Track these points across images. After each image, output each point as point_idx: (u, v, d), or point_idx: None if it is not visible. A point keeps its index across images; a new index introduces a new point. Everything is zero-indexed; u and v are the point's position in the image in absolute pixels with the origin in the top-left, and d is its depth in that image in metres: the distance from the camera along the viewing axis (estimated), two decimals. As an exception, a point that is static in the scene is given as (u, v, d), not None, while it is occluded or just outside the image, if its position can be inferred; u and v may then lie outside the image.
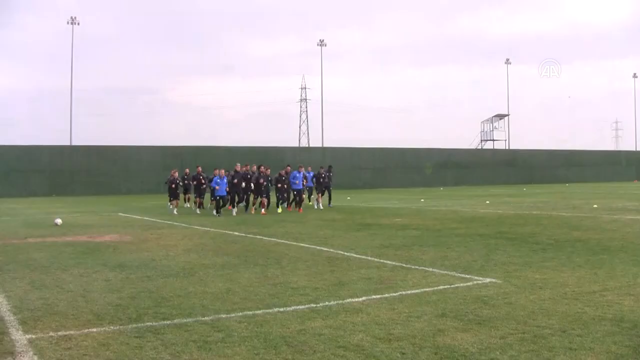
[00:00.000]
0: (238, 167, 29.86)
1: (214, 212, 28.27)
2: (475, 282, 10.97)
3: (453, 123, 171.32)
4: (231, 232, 19.87)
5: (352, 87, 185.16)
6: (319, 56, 74.69)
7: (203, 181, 31.82)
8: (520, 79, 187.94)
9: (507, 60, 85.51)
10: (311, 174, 34.14)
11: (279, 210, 30.21)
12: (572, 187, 60.06)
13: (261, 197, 29.71)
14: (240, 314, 8.76)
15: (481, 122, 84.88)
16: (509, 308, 8.95)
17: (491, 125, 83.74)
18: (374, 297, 9.81)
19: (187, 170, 34.80)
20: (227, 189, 28.41)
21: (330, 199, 34.24)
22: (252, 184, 29.66)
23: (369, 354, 6.92)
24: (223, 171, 28.52)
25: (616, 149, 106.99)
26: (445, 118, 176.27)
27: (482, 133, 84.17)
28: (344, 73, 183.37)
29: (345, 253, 14.70)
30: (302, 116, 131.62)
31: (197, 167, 33.46)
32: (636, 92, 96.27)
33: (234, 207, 29.05)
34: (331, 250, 15.28)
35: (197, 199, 31.89)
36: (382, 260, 13.46)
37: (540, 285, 10.60)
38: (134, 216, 27.97)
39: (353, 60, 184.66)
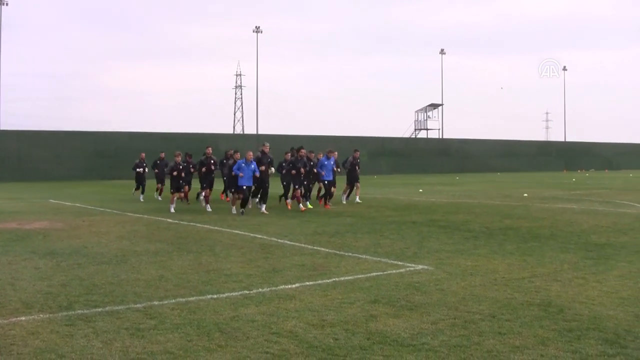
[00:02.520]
0: (250, 154, 22.06)
1: (234, 210, 22.05)
2: (407, 269, 11.10)
3: (387, 112, 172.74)
4: (164, 219, 19.69)
5: (287, 74, 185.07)
6: (255, 43, 74.20)
7: (213, 167, 25.35)
8: (454, 69, 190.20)
9: (442, 50, 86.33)
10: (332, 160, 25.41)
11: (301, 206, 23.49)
12: (503, 177, 61.14)
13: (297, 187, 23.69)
14: (173, 300, 8.71)
15: (415, 112, 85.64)
16: (441, 294, 9.10)
17: (425, 114, 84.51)
18: (307, 283, 9.85)
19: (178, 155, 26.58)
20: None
21: (350, 192, 27.00)
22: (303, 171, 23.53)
23: (302, 340, 6.96)
24: (251, 153, 22.05)
25: (546, 140, 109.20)
26: (380, 107, 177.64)
27: (416, 122, 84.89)
28: (280, 60, 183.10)
29: (279, 240, 14.72)
30: (236, 103, 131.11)
31: (207, 148, 25.99)
32: (566, 84, 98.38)
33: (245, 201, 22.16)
34: (265, 237, 15.28)
35: (184, 189, 25.63)
36: (315, 247, 13.52)
37: (471, 272, 10.80)
38: (65, 203, 27.44)
39: (289, 47, 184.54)
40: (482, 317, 7.86)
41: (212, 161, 25.52)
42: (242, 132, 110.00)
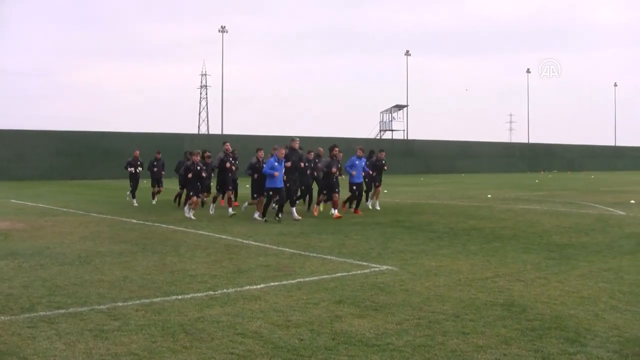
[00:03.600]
0: (281, 151, 19.43)
1: (262, 216, 19.40)
2: (372, 269, 11.16)
3: (353, 112, 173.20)
4: (129, 220, 19.55)
5: (253, 74, 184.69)
6: (220, 42, 73.94)
7: (233, 166, 22.25)
8: (419, 71, 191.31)
9: (407, 51, 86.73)
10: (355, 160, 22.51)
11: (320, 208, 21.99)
12: (467, 178, 61.58)
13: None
14: (138, 302, 8.67)
15: (380, 112, 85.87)
16: (405, 294, 9.16)
17: (390, 115, 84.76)
18: (272, 284, 9.86)
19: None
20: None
21: (367, 196, 24.23)
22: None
23: (267, 340, 6.97)
24: (283, 150, 19.43)
25: (510, 141, 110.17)
26: (345, 107, 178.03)
27: (381, 123, 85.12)
28: (245, 60, 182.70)
29: (244, 241, 14.70)
30: (202, 103, 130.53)
31: (225, 143, 22.73)
32: (529, 86, 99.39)
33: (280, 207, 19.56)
34: (230, 237, 15.25)
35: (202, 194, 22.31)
36: (280, 248, 13.53)
37: (436, 272, 10.88)
38: (28, 203, 27.10)
39: (254, 47, 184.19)
40: (446, 317, 7.93)
41: (231, 160, 22.19)
42: (207, 132, 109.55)
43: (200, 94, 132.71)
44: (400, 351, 6.61)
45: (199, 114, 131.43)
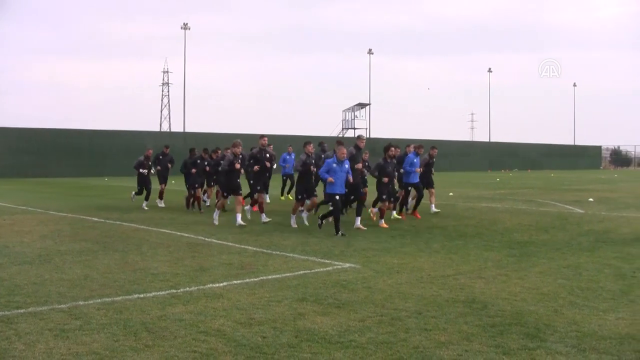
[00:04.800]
0: (342, 150, 16.32)
1: (293, 222, 17.44)
2: (335, 267, 11.19)
3: (315, 110, 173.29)
4: (90, 218, 19.35)
5: (216, 72, 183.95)
6: (183, 40, 73.49)
7: (269, 163, 19.31)
8: (382, 69, 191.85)
9: (370, 50, 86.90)
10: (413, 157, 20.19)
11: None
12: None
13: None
14: (99, 300, 8.60)
15: (343, 111, 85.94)
16: (368, 292, 9.21)
17: (352, 113, 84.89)
18: (235, 282, 9.85)
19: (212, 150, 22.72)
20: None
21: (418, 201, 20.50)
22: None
23: (230, 338, 6.96)
24: (344, 150, 16.45)
25: (472, 140, 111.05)
26: (308, 105, 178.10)
27: (344, 121, 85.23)
28: (208, 58, 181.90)
29: (207, 239, 14.65)
30: (164, 101, 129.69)
31: (263, 138, 19.24)
32: (491, 86, 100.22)
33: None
34: (192, 235, 15.18)
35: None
36: (243, 246, 13.51)
37: (398, 269, 10.94)
38: (-15, 201, 26.72)
39: (217, 45, 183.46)
40: (408, 314, 7.98)
41: (268, 155, 19.17)
42: (169, 130, 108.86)
43: (162, 91, 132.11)
44: (363, 348, 6.64)
45: (161, 112, 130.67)
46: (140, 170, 23.71)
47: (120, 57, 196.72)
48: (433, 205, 21.36)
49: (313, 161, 17.93)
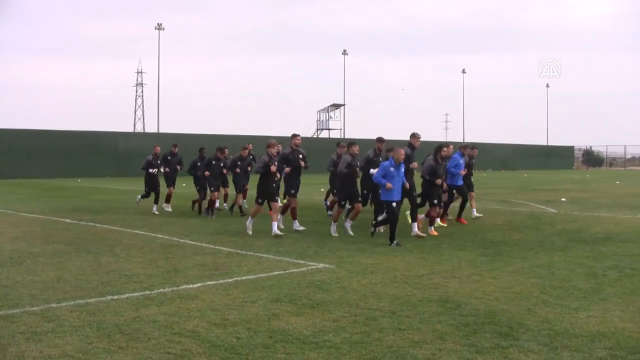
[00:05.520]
0: (401, 151, 14.61)
1: (333, 229, 15.76)
2: (309, 267, 11.20)
3: (290, 111, 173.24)
4: (62, 219, 19.19)
5: (190, 72, 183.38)
6: (157, 40, 73.11)
7: (304, 163, 17.43)
8: (356, 70, 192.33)
9: (344, 51, 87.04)
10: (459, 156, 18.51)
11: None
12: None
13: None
14: (72, 303, 8.54)
15: (317, 111, 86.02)
16: (342, 292, 9.23)
17: (327, 114, 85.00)
18: (209, 283, 9.83)
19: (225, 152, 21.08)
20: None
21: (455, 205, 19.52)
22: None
23: (204, 339, 6.95)
24: (402, 151, 14.77)
25: (446, 140, 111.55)
26: (283, 106, 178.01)
27: (319, 122, 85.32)
28: (182, 58, 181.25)
29: (180, 240, 14.60)
30: (137, 101, 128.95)
31: (296, 137, 17.32)
32: (465, 86, 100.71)
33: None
34: (166, 237, 15.12)
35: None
36: (217, 247, 13.48)
37: (372, 269, 10.97)
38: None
39: (192, 45, 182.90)
40: (382, 314, 8.02)
41: (300, 156, 17.41)
42: (142, 131, 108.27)
43: (136, 92, 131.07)
44: (337, 348, 6.66)
45: (135, 112, 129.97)
46: (150, 171, 21.82)
47: (94, 58, 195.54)
48: (474, 210, 19.96)
49: (359, 163, 16.17)
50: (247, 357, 6.39)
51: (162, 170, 22.02)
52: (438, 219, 17.20)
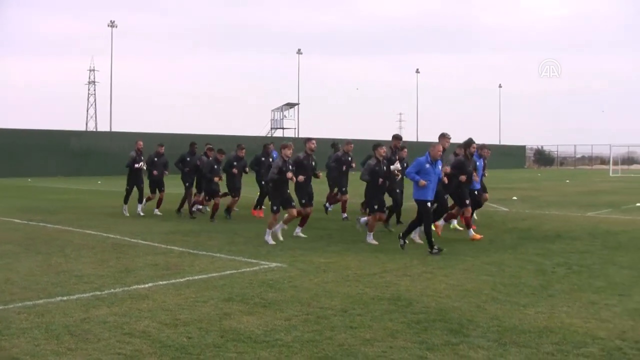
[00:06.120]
0: (438, 147, 13.63)
1: (371, 238, 14.35)
2: (261, 266, 11.19)
3: (244, 110, 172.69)
4: (12, 220, 18.88)
5: (143, 70, 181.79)
6: (109, 38, 72.25)
7: (313, 161, 15.93)
8: (311, 69, 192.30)
9: (299, 50, 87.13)
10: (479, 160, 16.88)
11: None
12: (356, 175, 62.45)
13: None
14: (20, 304, 8.41)
15: (272, 110, 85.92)
16: (294, 291, 9.24)
17: (281, 113, 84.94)
18: (160, 283, 9.76)
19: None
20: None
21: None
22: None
23: (155, 339, 6.90)
24: (440, 147, 13.77)
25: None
26: (237, 105, 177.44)
27: (273, 121, 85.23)
28: (136, 56, 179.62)
29: (132, 239, 14.47)
30: (89, 99, 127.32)
31: (309, 141, 16.14)
32: (419, 86, 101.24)
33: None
34: (118, 236, 14.97)
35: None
36: (169, 247, 13.39)
37: (325, 268, 11.00)
38: None
39: (145, 43, 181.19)
40: (334, 312, 8.04)
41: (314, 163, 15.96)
42: (95, 129, 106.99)
43: (89, 90, 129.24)
44: (288, 347, 6.67)
45: (87, 111, 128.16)
46: (136, 166, 19.94)
47: (45, 55, 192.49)
48: (455, 221, 17.64)
49: (385, 167, 14.68)
50: (199, 357, 6.37)
51: (144, 168, 20.17)
52: (454, 222, 16.60)
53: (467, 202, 15.20)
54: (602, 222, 18.80)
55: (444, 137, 14.90)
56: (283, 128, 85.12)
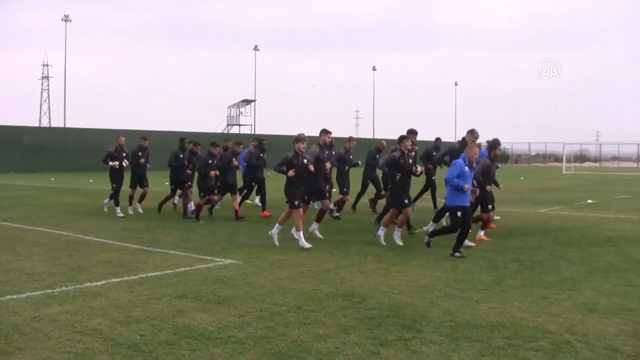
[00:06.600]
0: (475, 149, 12.56)
1: (398, 239, 13.57)
2: (216, 263, 11.15)
3: (201, 107, 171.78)
4: (-39, 217, 18.55)
5: (98, 66, 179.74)
6: (63, 32, 71.18)
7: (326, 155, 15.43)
8: (268, 66, 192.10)
9: (256, 46, 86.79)
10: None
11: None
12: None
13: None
14: (-32, 303, 8.27)
15: (228, 107, 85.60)
16: (248, 287, 9.22)
17: (238, 110, 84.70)
18: (113, 280, 9.67)
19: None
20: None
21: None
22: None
23: (107, 337, 6.84)
24: (477, 149, 12.84)
25: (356, 136, 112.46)
26: (193, 101, 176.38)
27: (229, 118, 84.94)
28: (91, 51, 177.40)
29: (86, 237, 14.30)
30: (43, 95, 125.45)
31: (326, 134, 15.21)
32: (375, 83, 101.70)
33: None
34: (71, 234, 14.79)
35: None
36: (123, 244, 13.27)
37: (279, 265, 10.99)
38: None
39: (100, 38, 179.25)
40: (288, 309, 8.04)
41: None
42: (48, 125, 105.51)
43: (42, 85, 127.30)
44: (241, 343, 6.66)
45: (40, 106, 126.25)
46: (111, 164, 19.03)
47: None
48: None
49: (410, 160, 13.94)
50: (151, 355, 6.32)
51: (124, 164, 19.27)
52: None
53: (490, 206, 14.28)
54: (554, 218, 19.09)
55: (471, 132, 14.25)
56: (239, 125, 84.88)
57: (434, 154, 19.81)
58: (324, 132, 15.10)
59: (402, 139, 13.75)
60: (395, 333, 7.06)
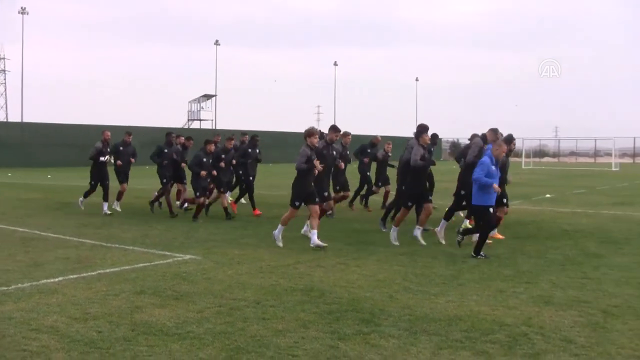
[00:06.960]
0: (503, 147, 12.46)
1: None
2: (175, 259, 11.09)
3: (161, 101, 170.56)
4: None
5: (57, 60, 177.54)
6: (21, 25, 70.22)
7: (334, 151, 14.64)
8: (229, 61, 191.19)
9: (216, 41, 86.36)
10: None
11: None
12: (275, 167, 62.38)
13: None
14: None
15: (189, 102, 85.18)
16: (207, 283, 9.19)
17: (199, 105, 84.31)
18: (71, 277, 9.58)
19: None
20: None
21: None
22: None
23: (64, 334, 6.77)
24: (505, 146, 12.77)
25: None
26: (154, 96, 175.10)
27: (190, 112, 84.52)
28: (49, 45, 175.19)
29: (42, 233, 14.13)
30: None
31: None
32: (336, 79, 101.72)
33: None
34: (27, 230, 14.59)
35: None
36: (81, 240, 13.13)
37: (238, 260, 10.97)
38: None
39: (60, 31, 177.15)
40: (247, 304, 8.03)
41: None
42: (5, 120, 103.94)
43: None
44: (200, 339, 6.63)
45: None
46: (101, 159, 18.31)
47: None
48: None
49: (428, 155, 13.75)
50: (108, 351, 6.27)
51: (111, 161, 18.70)
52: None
53: (505, 200, 13.86)
54: (513, 212, 19.22)
55: (492, 130, 13.76)
56: (200, 120, 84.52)
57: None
58: (333, 129, 14.39)
59: (420, 133, 13.35)
60: (354, 327, 7.09)
